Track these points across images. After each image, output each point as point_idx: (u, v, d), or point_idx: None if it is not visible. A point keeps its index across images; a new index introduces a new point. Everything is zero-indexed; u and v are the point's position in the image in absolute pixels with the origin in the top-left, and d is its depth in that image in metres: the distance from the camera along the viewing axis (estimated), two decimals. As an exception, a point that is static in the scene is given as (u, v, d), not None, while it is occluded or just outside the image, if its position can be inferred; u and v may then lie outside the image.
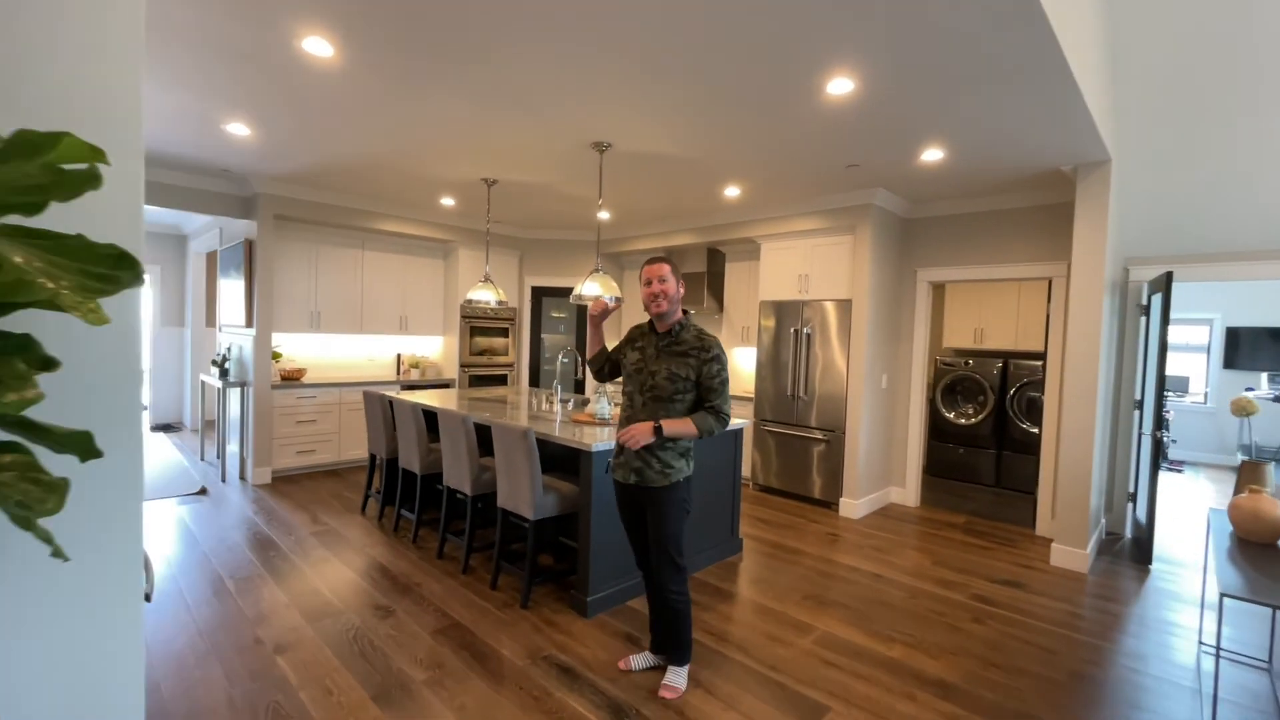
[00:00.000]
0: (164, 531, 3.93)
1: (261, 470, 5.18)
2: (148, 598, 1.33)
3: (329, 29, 2.40)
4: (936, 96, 2.83)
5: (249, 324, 5.23)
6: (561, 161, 4.09)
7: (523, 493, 3.04)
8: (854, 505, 4.73)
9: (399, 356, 6.54)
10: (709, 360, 2.22)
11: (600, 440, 2.96)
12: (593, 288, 3.63)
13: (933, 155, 3.69)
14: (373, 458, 4.54)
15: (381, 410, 4.30)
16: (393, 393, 4.79)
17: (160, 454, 6.08)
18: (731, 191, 4.79)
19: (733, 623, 2.95)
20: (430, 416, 4.27)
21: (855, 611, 3.09)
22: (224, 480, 5.22)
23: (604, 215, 5.90)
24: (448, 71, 2.75)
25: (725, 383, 2.23)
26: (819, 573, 3.59)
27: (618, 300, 3.60)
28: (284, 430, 5.35)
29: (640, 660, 2.50)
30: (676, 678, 2.35)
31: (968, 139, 3.38)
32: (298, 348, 5.89)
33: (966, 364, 5.82)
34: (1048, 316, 4.68)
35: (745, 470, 5.55)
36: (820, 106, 3.00)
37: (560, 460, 3.58)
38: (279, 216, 5.21)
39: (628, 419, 2.32)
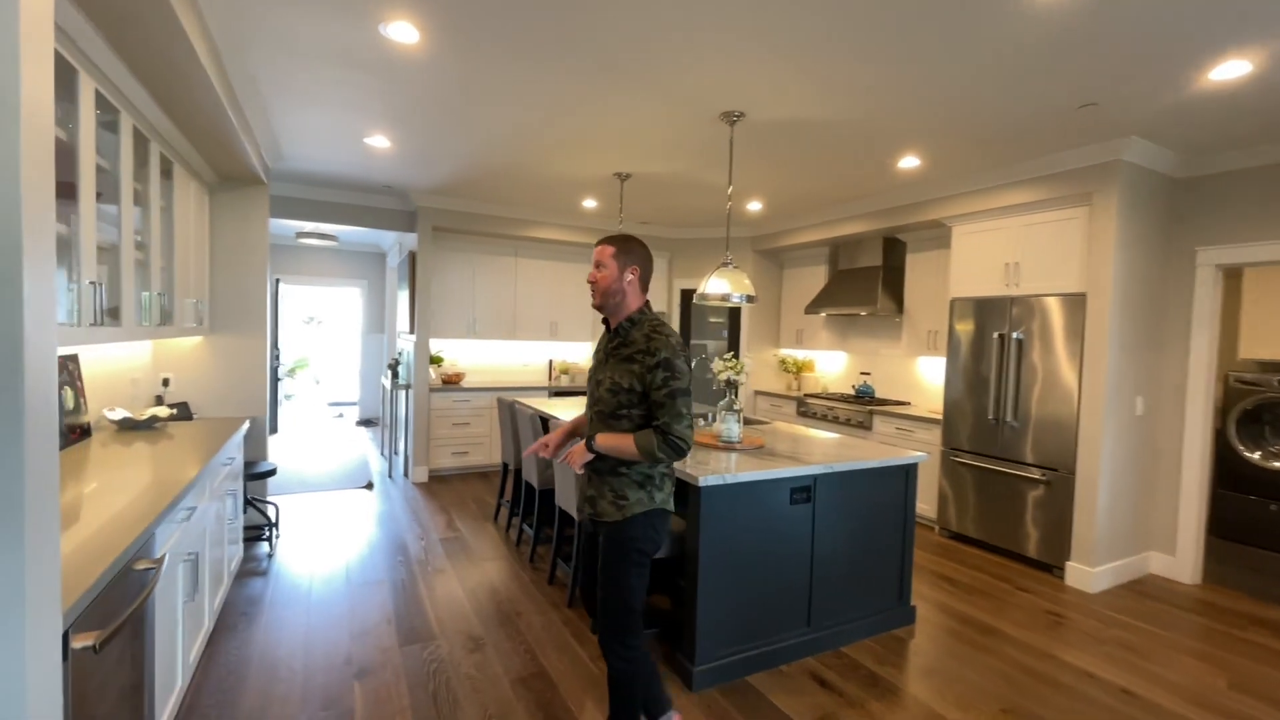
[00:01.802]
0: (323, 523, 4.22)
1: (420, 469, 5.46)
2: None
3: (412, 12, 2.20)
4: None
5: (411, 330, 5.57)
6: (690, 142, 3.58)
7: (622, 527, 2.58)
8: (1088, 574, 3.46)
9: (550, 362, 6.57)
10: (653, 367, 1.73)
11: (715, 471, 2.38)
12: (719, 285, 3.05)
13: (1230, 71, 2.46)
14: (505, 465, 4.46)
15: (511, 417, 4.18)
16: (542, 399, 4.71)
17: (355, 448, 6.82)
18: (908, 162, 3.84)
19: (889, 735, 2.16)
20: (548, 425, 4.04)
21: (1089, 751, 2.08)
22: (390, 476, 5.62)
23: (754, 205, 5.25)
24: (547, 49, 2.41)
25: (677, 395, 1.72)
26: (1029, 672, 2.56)
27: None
28: (441, 432, 5.59)
29: None
30: None
31: (1304, 33, 2.15)
32: (459, 353, 6.18)
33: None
34: None
35: (927, 508, 4.47)
36: (1035, 12, 2.09)
37: (679, 488, 3.06)
38: (437, 228, 5.48)
39: (586, 438, 1.87)
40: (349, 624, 2.80)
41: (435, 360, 5.86)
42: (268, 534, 3.77)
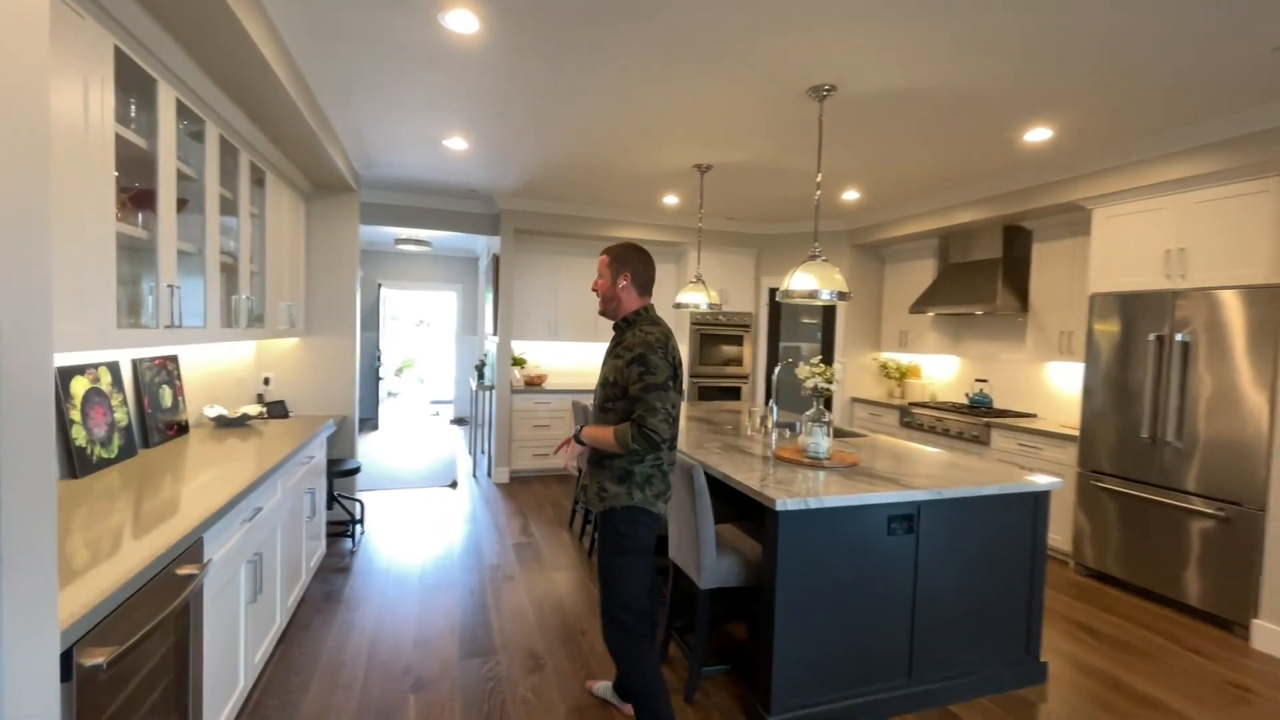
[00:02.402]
0: (406, 521, 4.30)
1: (501, 470, 5.50)
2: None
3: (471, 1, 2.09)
4: None
5: (495, 332, 5.63)
6: (774, 124, 3.26)
7: (688, 549, 2.33)
8: (1284, 637, 2.76)
9: (632, 365, 6.41)
10: (630, 361, 1.83)
11: (796, 493, 2.07)
12: (805, 280, 2.72)
13: None
14: (579, 470, 4.33)
15: (584, 419, 4.05)
16: None
17: (447, 446, 7.05)
18: (1037, 134, 3.28)
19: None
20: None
21: None
22: (475, 476, 5.70)
23: (850, 195, 4.79)
24: (613, 30, 2.22)
25: (651, 389, 1.79)
26: (1206, 765, 2.02)
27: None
28: (522, 433, 5.61)
29: (602, 689, 2.26)
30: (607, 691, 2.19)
31: None
32: (542, 355, 6.19)
33: None
34: None
35: (1060, 538, 3.83)
36: (1223, -82, 1.61)
37: (755, 508, 2.76)
38: (519, 230, 5.49)
39: (576, 431, 2.05)
40: (415, 629, 2.76)
41: (518, 362, 5.89)
42: (351, 530, 3.88)
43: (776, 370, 3.41)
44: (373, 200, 5.19)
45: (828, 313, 6.04)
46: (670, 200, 5.15)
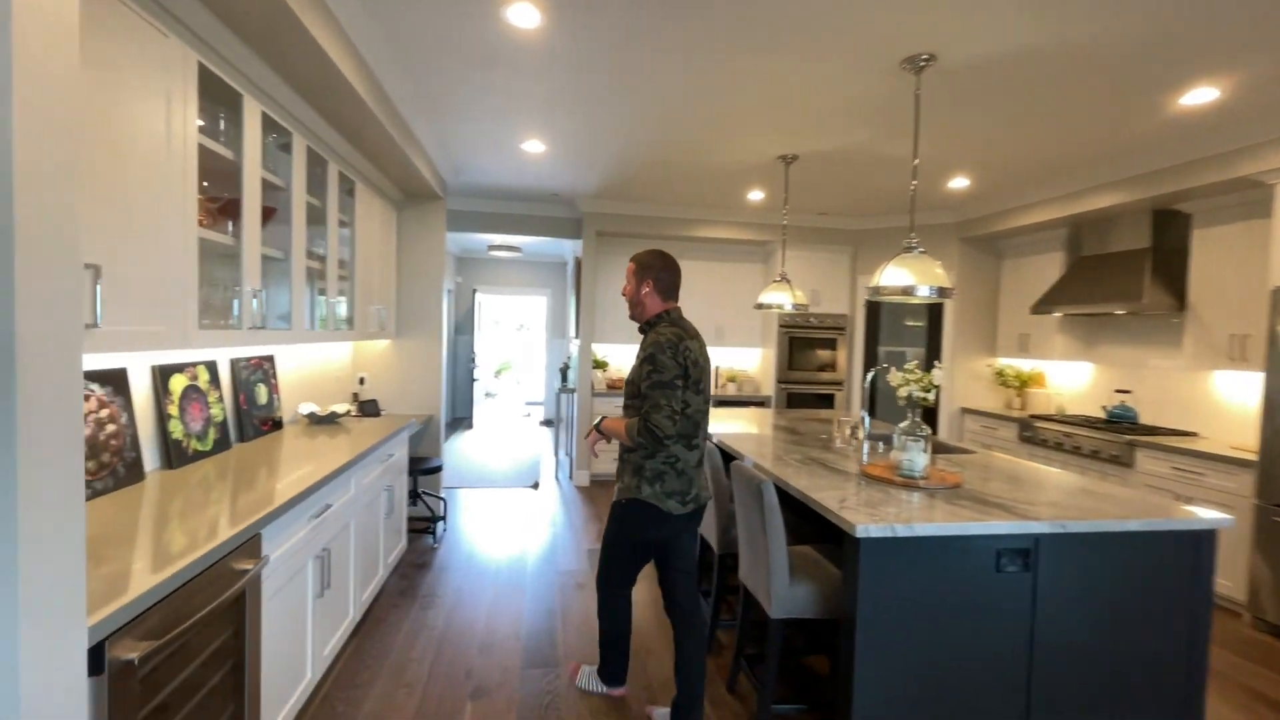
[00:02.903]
0: (487, 521, 4.37)
1: (581, 473, 5.49)
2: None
3: (527, -17, 2.03)
4: None
5: (577, 335, 5.64)
6: (865, 103, 2.95)
7: (759, 573, 2.11)
8: None
9: (716, 369, 6.20)
10: (642, 361, 1.96)
11: (882, 517, 1.80)
12: (898, 275, 2.40)
13: None
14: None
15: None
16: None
17: (534, 447, 7.19)
18: (1199, 96, 2.73)
19: None
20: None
21: None
22: (557, 478, 5.74)
23: (959, 183, 4.30)
24: (681, 11, 2.08)
25: (657, 387, 1.89)
26: None
27: None
28: (602, 437, 5.56)
29: (660, 714, 2.17)
30: (588, 678, 2.33)
31: None
32: (624, 358, 6.13)
33: None
34: None
35: (1230, 585, 3.17)
36: None
37: (833, 531, 2.48)
38: (601, 233, 5.47)
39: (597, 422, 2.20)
40: (482, 632, 2.75)
41: (600, 365, 5.87)
42: (433, 527, 3.99)
43: (869, 376, 3.09)
44: (462, 208, 5.38)
45: (934, 314, 5.49)
46: (755, 196, 4.90)
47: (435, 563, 3.55)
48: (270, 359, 2.95)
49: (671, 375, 1.89)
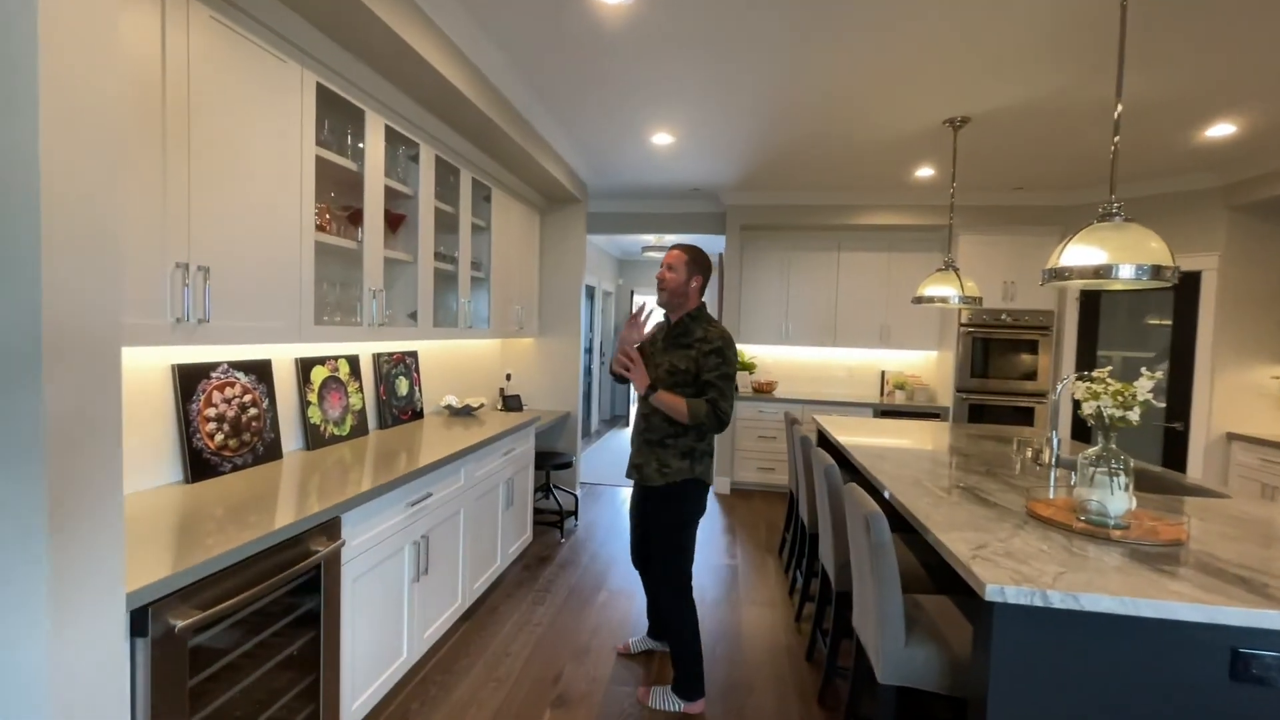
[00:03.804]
0: (617, 520, 4.35)
1: (721, 480, 5.23)
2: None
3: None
4: None
5: (721, 336, 5.40)
6: (1058, 33, 2.29)
7: (868, 624, 1.71)
8: None
9: (882, 375, 5.50)
10: (708, 352, 2.10)
11: (1027, 577, 1.33)
12: (1086, 254, 1.79)
13: None
14: (790, 493, 3.80)
15: (791, 437, 3.52)
16: (864, 417, 4.04)
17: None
18: None
19: None
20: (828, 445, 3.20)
21: None
22: (698, 482, 5.55)
23: (1219, 129, 3.20)
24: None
25: (726, 379, 2.09)
26: None
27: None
28: (745, 444, 5.25)
29: (638, 643, 2.55)
30: (663, 698, 2.19)
31: None
32: (773, 360, 5.74)
33: None
34: None
35: None
36: None
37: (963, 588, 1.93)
38: (745, 227, 5.16)
39: (641, 416, 2.27)
40: (581, 636, 2.68)
41: (746, 366, 5.56)
42: (561, 522, 4.07)
43: (1059, 387, 2.42)
44: (607, 209, 5.47)
45: (1182, 306, 4.20)
46: (924, 173, 4.20)
47: (558, 558, 3.61)
48: (413, 354, 3.23)
49: (734, 370, 2.13)
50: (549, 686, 2.30)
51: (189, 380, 1.89)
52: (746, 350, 5.71)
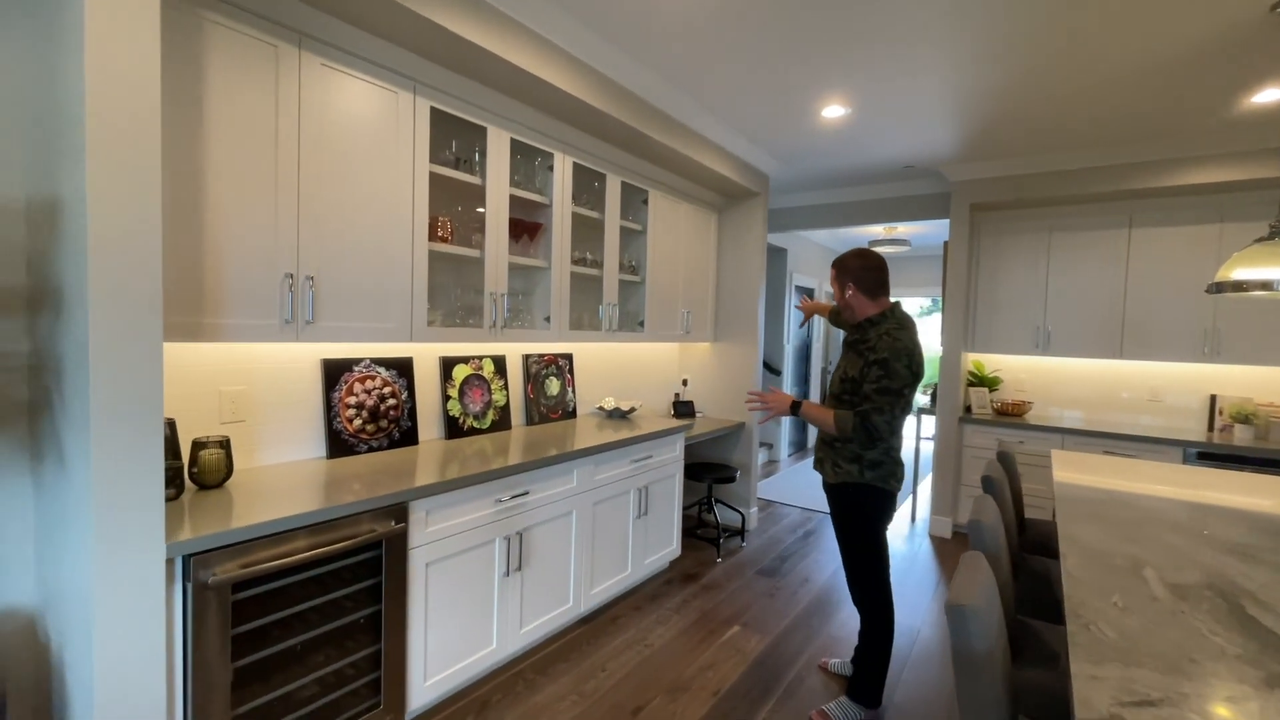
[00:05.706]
0: (791, 546, 3.88)
1: (940, 520, 4.27)
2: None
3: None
4: None
5: (945, 341, 4.42)
6: None
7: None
8: None
9: (1212, 399, 3.85)
10: (872, 363, 2.00)
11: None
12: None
13: None
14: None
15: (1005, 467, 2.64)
16: (1173, 458, 3.07)
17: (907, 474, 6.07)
18: None
19: None
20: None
21: None
22: (912, 517, 4.64)
23: None
24: None
25: (885, 392, 1.95)
26: None
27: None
28: (974, 476, 4.20)
29: (837, 664, 2.47)
30: (838, 709, 2.13)
31: None
32: (1024, 374, 4.48)
33: None
34: None
35: None
36: None
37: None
38: (978, 206, 4.13)
39: (794, 400, 2.23)
40: (688, 669, 2.43)
41: (985, 381, 4.45)
42: (718, 539, 3.78)
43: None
44: (804, 202, 4.96)
45: None
46: (1266, 98, 2.78)
47: (706, 578, 3.36)
48: (567, 356, 3.37)
49: (901, 384, 1.96)
50: (625, 717, 2.13)
51: (334, 372, 2.26)
52: (988, 361, 4.58)
